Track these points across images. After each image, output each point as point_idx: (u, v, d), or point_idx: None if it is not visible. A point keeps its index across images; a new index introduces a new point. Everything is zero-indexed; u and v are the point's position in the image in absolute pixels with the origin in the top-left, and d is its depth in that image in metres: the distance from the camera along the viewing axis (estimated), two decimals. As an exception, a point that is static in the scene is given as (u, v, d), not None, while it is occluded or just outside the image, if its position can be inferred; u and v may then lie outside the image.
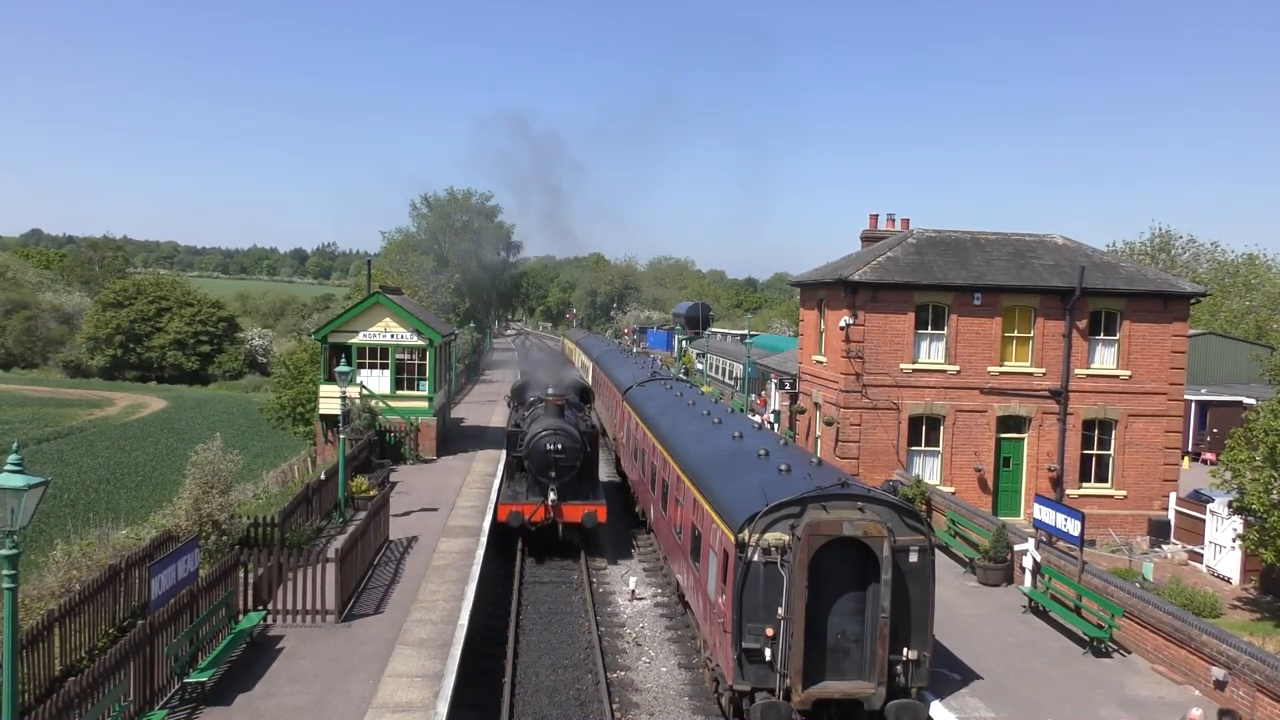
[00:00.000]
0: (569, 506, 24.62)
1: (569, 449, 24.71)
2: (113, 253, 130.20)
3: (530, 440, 24.92)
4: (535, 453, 24.67)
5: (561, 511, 24.56)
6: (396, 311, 34.79)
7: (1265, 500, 20.62)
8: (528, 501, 24.69)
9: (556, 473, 24.53)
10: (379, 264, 68.58)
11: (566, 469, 24.63)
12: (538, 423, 25.66)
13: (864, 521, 13.87)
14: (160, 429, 59.19)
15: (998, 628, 18.91)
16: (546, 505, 24.42)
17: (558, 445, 24.60)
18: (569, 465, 24.66)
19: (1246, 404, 34.75)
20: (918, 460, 29.83)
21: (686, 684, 17.53)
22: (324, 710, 13.94)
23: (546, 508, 24.44)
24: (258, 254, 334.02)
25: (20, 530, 9.50)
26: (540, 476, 24.65)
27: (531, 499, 24.79)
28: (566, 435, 24.86)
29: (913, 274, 29.61)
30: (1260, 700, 14.25)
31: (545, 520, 24.53)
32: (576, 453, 24.86)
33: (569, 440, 24.79)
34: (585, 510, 24.62)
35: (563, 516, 24.59)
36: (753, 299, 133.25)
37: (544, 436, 24.72)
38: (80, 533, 22.71)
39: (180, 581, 15.20)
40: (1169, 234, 67.50)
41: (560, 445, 24.63)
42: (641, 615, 21.58)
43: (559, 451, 24.60)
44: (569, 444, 24.74)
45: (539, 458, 24.62)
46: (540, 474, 24.63)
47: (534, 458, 24.70)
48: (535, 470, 24.70)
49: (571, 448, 24.76)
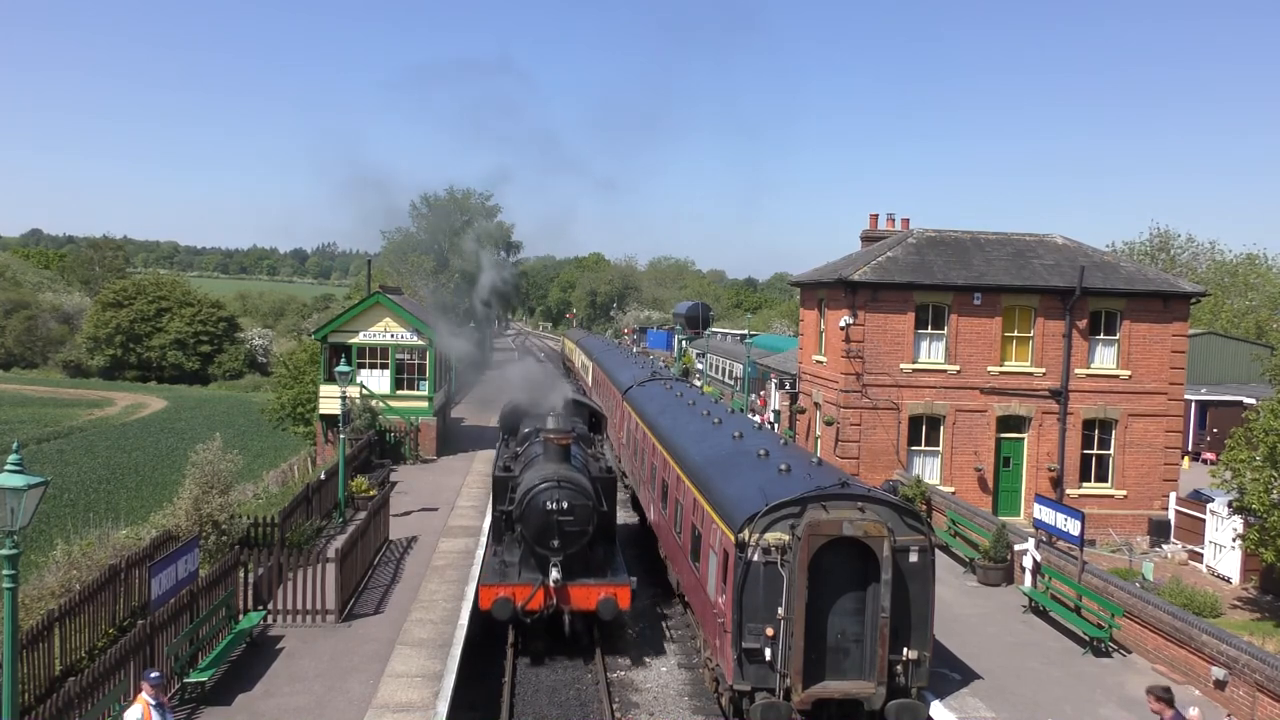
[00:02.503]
0: (578, 588, 17.88)
1: (578, 508, 17.82)
2: (113, 253, 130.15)
3: (525, 496, 17.97)
4: (532, 513, 17.76)
5: (568, 595, 17.82)
6: (396, 311, 34.82)
7: (1265, 500, 20.62)
8: (521, 581, 17.85)
9: (561, 541, 17.69)
10: (379, 264, 68.63)
11: (575, 536, 17.82)
12: (535, 469, 18.76)
13: (864, 521, 13.87)
14: (160, 429, 59.19)
15: (998, 628, 18.91)
16: (547, 587, 17.64)
17: (563, 504, 17.73)
18: (578, 531, 17.84)
19: (1246, 404, 34.73)
20: (918, 460, 29.83)
21: (686, 684, 17.53)
22: (324, 710, 13.95)
23: (547, 590, 17.67)
24: (258, 254, 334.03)
25: (20, 530, 9.50)
26: (539, 546, 17.78)
27: (526, 576, 18.00)
28: (575, 489, 17.97)
29: (913, 274, 29.61)
30: (1260, 700, 14.25)
31: (545, 609, 17.78)
32: (588, 513, 17.91)
33: (578, 496, 17.94)
34: (601, 594, 17.77)
35: (570, 603, 17.85)
36: (753, 299, 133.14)
37: (544, 491, 17.83)
38: (80, 533, 22.72)
39: (180, 581, 15.21)
40: (1168, 234, 67.61)
41: (566, 504, 17.76)
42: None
43: (565, 513, 17.73)
44: (578, 501, 17.87)
45: (537, 520, 17.73)
46: (539, 543, 17.77)
47: (530, 520, 17.78)
48: (532, 537, 17.80)
49: (582, 507, 17.86)
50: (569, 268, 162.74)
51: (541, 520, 17.76)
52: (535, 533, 17.84)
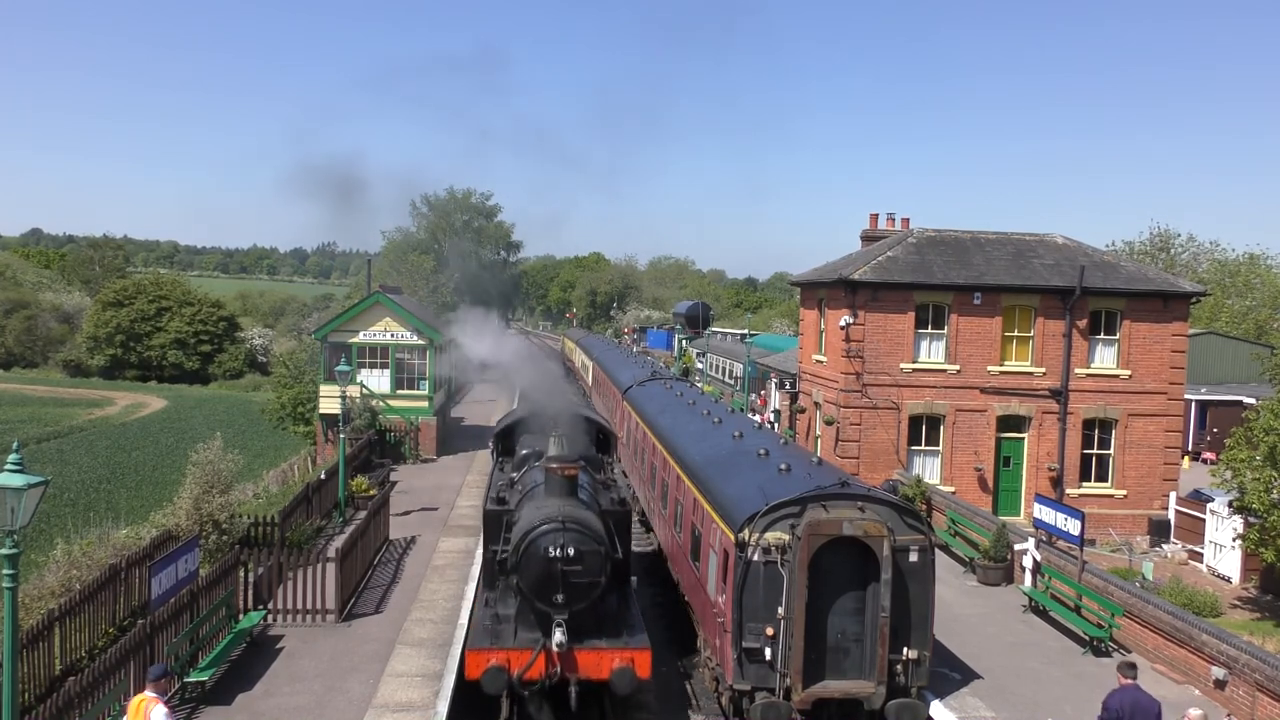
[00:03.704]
0: (588, 653, 14.29)
1: (588, 555, 14.27)
2: (113, 252, 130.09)
3: (523, 539, 14.42)
4: (531, 561, 14.26)
5: (575, 662, 14.21)
6: (396, 311, 34.84)
7: (1265, 500, 20.63)
8: (517, 644, 14.30)
9: (567, 595, 14.19)
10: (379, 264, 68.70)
11: (583, 589, 14.28)
12: (534, 504, 15.32)
13: (864, 521, 13.88)
14: (160, 429, 59.18)
15: (998, 627, 18.92)
16: (549, 651, 14.10)
17: (569, 550, 14.24)
18: (587, 583, 14.29)
19: (1246, 404, 34.74)
20: (918, 460, 29.84)
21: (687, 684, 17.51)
22: (324, 710, 13.95)
23: (549, 655, 14.14)
24: (258, 254, 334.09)
25: (20, 530, 9.51)
26: (540, 601, 14.28)
27: (524, 636, 14.40)
28: (583, 531, 14.43)
29: (913, 273, 29.62)
30: (1260, 700, 14.26)
31: (547, 678, 14.24)
32: (600, 561, 14.35)
33: (587, 540, 14.36)
34: (616, 661, 14.20)
35: (577, 671, 14.26)
36: (753, 299, 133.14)
37: (545, 534, 14.31)
38: (80, 533, 22.71)
39: (180, 581, 15.22)
40: (1168, 233, 67.63)
41: (573, 550, 14.23)
42: None
43: (571, 561, 14.23)
44: (588, 546, 14.30)
45: (537, 570, 14.22)
46: (540, 597, 14.27)
47: (529, 569, 14.28)
48: (531, 589, 14.30)
49: (592, 553, 14.29)
50: (569, 267, 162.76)
51: (542, 570, 14.17)
52: (535, 585, 14.22)
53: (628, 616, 15.37)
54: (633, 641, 14.68)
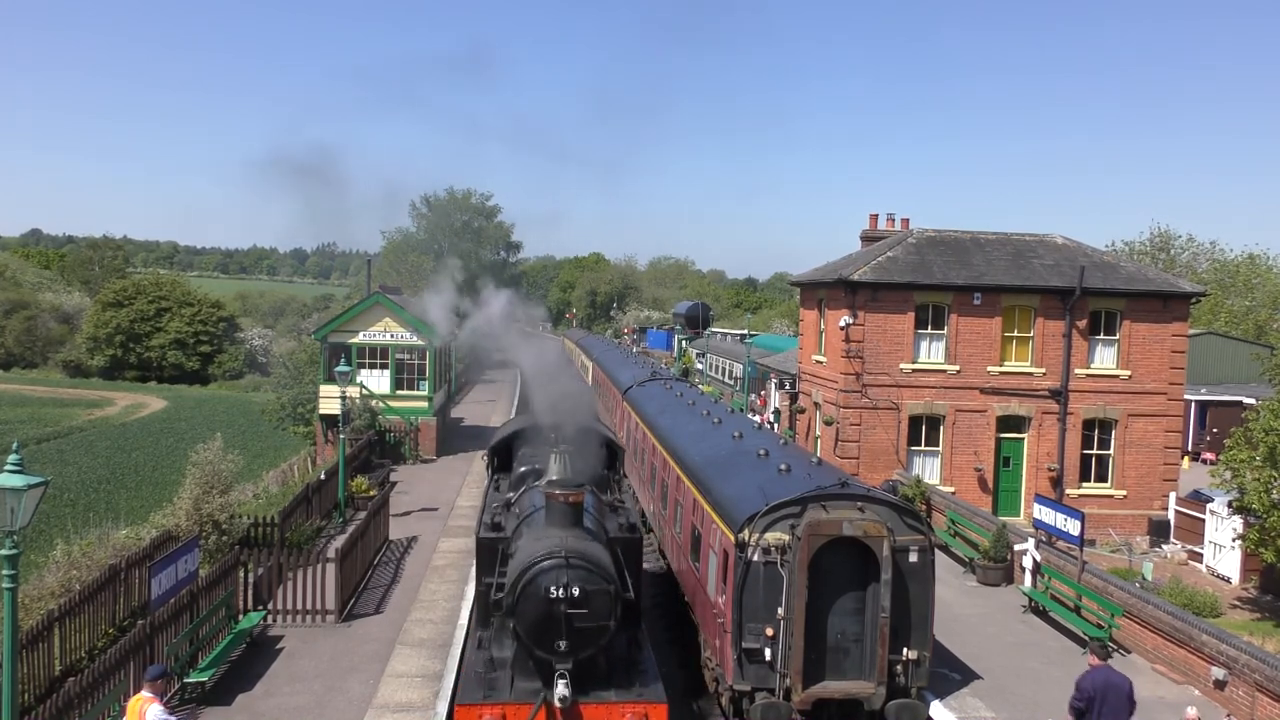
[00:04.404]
0: (595, 708, 12.49)
1: (595, 596, 12.30)
2: (113, 253, 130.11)
3: (520, 577, 12.39)
4: (530, 603, 12.29)
5: (580, 718, 12.46)
6: (396, 311, 34.85)
7: (1265, 500, 20.62)
8: (513, 697, 12.53)
9: (570, 643, 12.31)
10: (379, 264, 68.69)
11: (590, 635, 12.39)
12: (532, 534, 13.36)
13: (864, 521, 13.87)
14: (160, 429, 59.18)
15: (998, 628, 18.92)
16: (550, 706, 12.32)
17: (573, 590, 12.22)
18: (594, 628, 12.38)
19: (1246, 404, 34.73)
20: (918, 460, 29.83)
21: (686, 684, 17.52)
22: (324, 710, 13.95)
23: (550, 711, 12.36)
24: (258, 254, 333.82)
25: (20, 530, 9.51)
26: (540, 649, 12.39)
27: (521, 686, 12.62)
28: (590, 568, 12.43)
29: (913, 274, 29.62)
30: (1260, 700, 14.26)
31: None
32: (608, 602, 12.39)
33: (594, 578, 12.38)
34: (627, 718, 12.43)
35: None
36: (753, 299, 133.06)
37: (546, 572, 12.32)
38: (80, 533, 22.71)
39: (180, 581, 15.23)
40: (1168, 233, 67.63)
41: (578, 590, 12.24)
42: None
43: (576, 602, 12.23)
44: (595, 585, 12.33)
45: (536, 613, 12.28)
46: (539, 644, 12.36)
47: (527, 612, 12.31)
48: (530, 635, 12.38)
49: (599, 593, 12.33)
50: (569, 268, 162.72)
51: (543, 613, 12.19)
52: (534, 630, 12.28)
53: (640, 661, 13.33)
54: (647, 693, 12.72)
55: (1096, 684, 12.06)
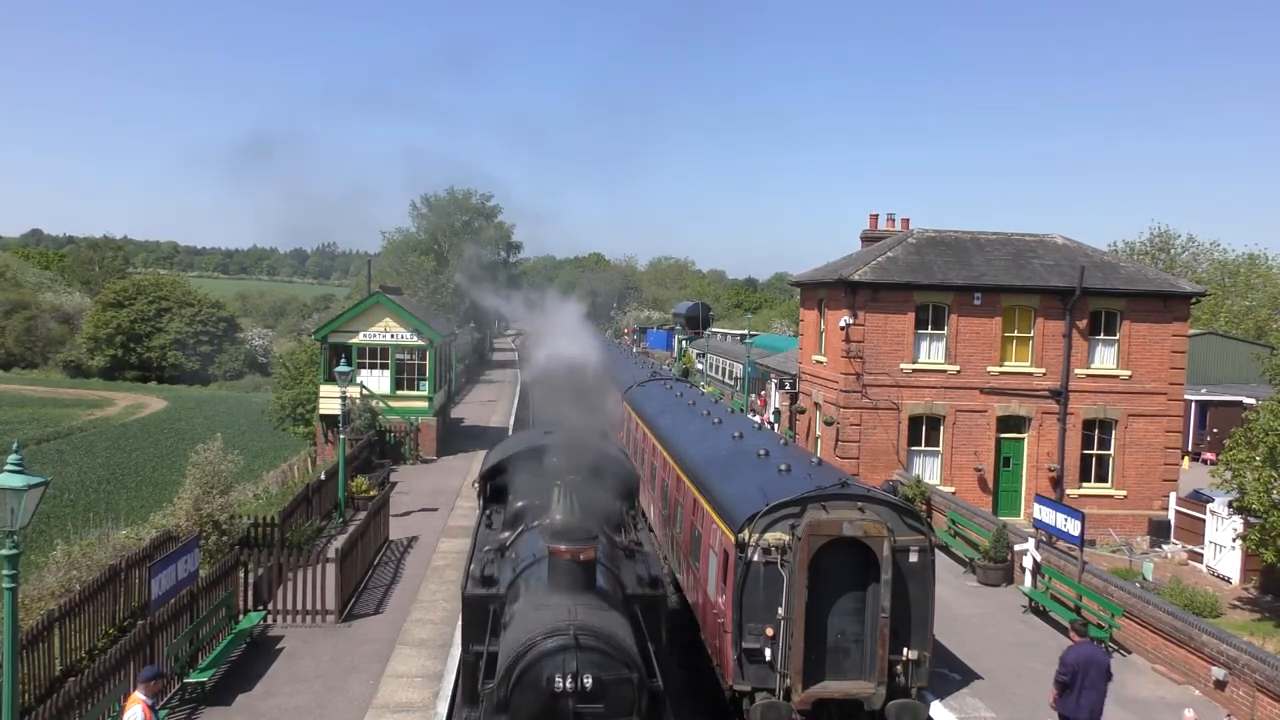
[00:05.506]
0: None
1: (612, 687, 9.49)
2: (113, 253, 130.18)
3: (516, 660, 9.55)
4: (528, 695, 9.44)
5: None
6: (396, 311, 34.84)
7: (1265, 500, 20.62)
8: None
9: None
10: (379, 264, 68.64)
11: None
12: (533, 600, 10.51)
13: (864, 521, 13.87)
14: (160, 429, 59.19)
15: (998, 628, 18.92)
16: None
17: (584, 680, 9.40)
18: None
19: (1246, 404, 34.74)
20: (918, 460, 29.83)
21: (687, 684, 17.52)
22: (324, 710, 13.95)
23: None
24: (258, 254, 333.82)
25: (20, 530, 9.50)
26: None
27: None
28: (606, 651, 9.58)
29: (913, 274, 29.62)
30: (1260, 700, 14.26)
31: None
32: (630, 694, 9.53)
33: (611, 664, 9.55)
34: None
35: None
36: (753, 299, 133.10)
37: (550, 656, 9.49)
38: (80, 533, 22.70)
39: (180, 582, 15.22)
40: (1168, 234, 67.66)
41: (590, 679, 9.40)
42: None
43: (588, 696, 9.42)
44: (611, 674, 9.50)
45: (535, 708, 9.44)
46: None
47: (524, 707, 9.44)
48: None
49: (618, 683, 9.50)
50: (569, 268, 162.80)
51: (544, 709, 9.41)
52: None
53: None
54: None
55: (1080, 658, 12.81)
